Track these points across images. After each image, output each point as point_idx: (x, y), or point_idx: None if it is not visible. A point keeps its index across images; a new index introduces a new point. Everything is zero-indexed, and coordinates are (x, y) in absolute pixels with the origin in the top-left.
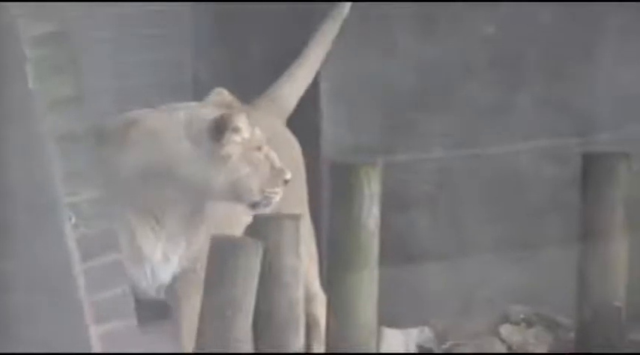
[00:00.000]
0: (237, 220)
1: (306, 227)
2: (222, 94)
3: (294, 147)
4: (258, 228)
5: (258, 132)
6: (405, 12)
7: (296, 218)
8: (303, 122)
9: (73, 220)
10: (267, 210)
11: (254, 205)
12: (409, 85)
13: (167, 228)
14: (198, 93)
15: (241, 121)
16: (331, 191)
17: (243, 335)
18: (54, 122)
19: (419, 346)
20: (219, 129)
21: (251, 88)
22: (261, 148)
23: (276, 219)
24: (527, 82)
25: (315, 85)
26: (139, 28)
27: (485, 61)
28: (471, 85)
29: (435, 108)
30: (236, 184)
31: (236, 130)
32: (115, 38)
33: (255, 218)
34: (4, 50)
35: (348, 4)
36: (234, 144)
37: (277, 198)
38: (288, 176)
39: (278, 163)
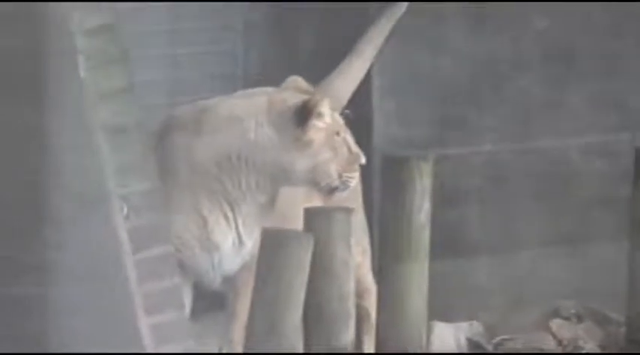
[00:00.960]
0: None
1: (360, 221)
2: (298, 81)
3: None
4: (309, 220)
5: (337, 116)
6: (457, 6)
7: (347, 211)
8: (356, 116)
9: (125, 211)
10: (344, 194)
11: (331, 190)
12: (461, 79)
13: (243, 214)
14: (250, 84)
15: (325, 107)
16: (383, 184)
17: (292, 328)
18: (106, 113)
19: (469, 340)
20: (304, 114)
21: (303, 78)
22: (340, 133)
23: (327, 211)
24: (578, 76)
25: (367, 80)
26: (191, 20)
27: (536, 56)
28: (523, 80)
29: (486, 103)
30: (316, 169)
31: (319, 116)
32: (166, 30)
33: (306, 210)
34: (56, 42)
35: (405, 4)
36: (317, 129)
37: (354, 183)
38: (364, 160)
39: (354, 148)
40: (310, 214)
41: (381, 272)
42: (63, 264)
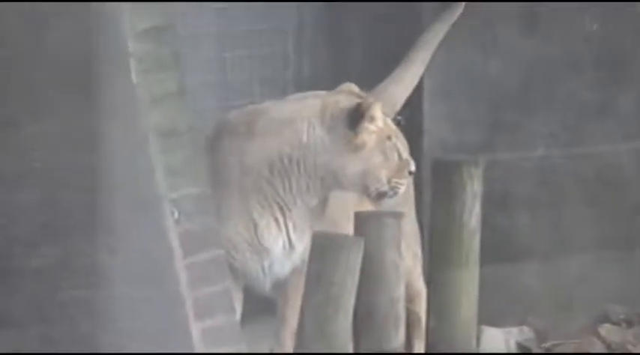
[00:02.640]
0: (349, 215)
1: (412, 226)
2: (351, 87)
3: (405, 144)
4: (360, 224)
5: (389, 121)
6: (508, 9)
7: (397, 215)
8: (407, 120)
9: (176, 215)
10: (393, 200)
11: (380, 195)
12: (512, 84)
13: (294, 218)
14: (301, 88)
15: (377, 111)
16: (433, 189)
17: (342, 332)
18: (157, 117)
19: (519, 344)
20: (356, 117)
21: (354, 81)
22: (391, 138)
23: (378, 216)
24: (630, 80)
25: (418, 83)
26: (243, 23)
27: (588, 60)
28: (574, 84)
29: (537, 107)
30: (366, 173)
31: (372, 119)
32: (218, 33)
33: (357, 215)
34: (108, 45)
35: (460, 8)
36: (368, 133)
37: (402, 190)
38: (413, 167)
39: (405, 154)
40: (361, 218)
41: (431, 276)
42: (115, 268)
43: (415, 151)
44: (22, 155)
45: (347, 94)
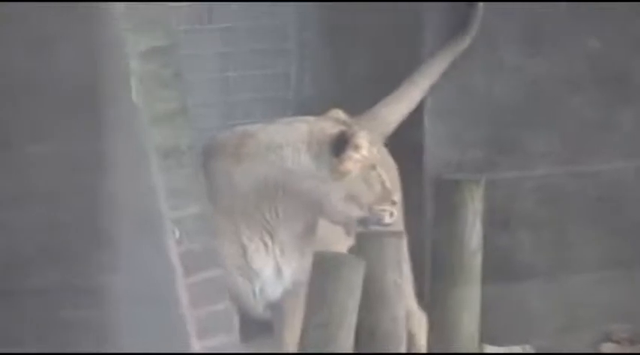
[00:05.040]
0: (343, 238)
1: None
2: (339, 114)
3: (392, 167)
4: (361, 244)
5: (375, 151)
6: (509, 27)
7: (399, 235)
8: (407, 138)
9: (177, 235)
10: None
11: (363, 221)
12: (513, 102)
13: (281, 243)
14: (303, 108)
15: (363, 139)
16: (434, 208)
17: (344, 351)
18: (158, 136)
19: None
20: (341, 144)
21: (355, 103)
22: (375, 167)
23: (379, 236)
24: (631, 99)
25: (419, 103)
26: (244, 43)
27: (589, 78)
28: (575, 102)
29: (538, 125)
30: (349, 201)
31: (357, 148)
32: (220, 53)
33: (358, 235)
34: (110, 64)
35: (468, 39)
36: (353, 161)
37: (388, 218)
38: (396, 198)
39: (388, 184)
40: (362, 238)
41: (432, 295)
42: (116, 288)
43: (416, 170)
44: (23, 175)
45: (334, 121)
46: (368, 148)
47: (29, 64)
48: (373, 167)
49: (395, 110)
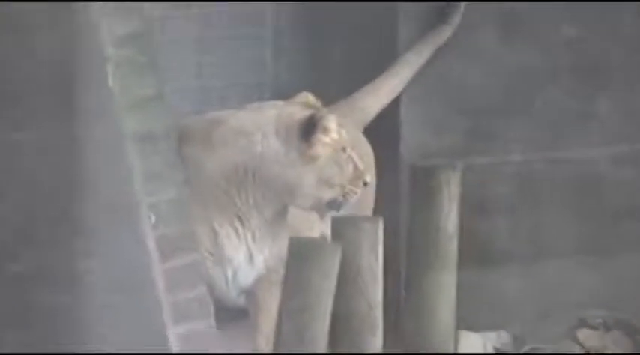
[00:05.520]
0: (317, 224)
1: None
2: (308, 97)
3: (368, 155)
4: (337, 230)
5: (344, 133)
6: (486, 15)
7: (376, 221)
8: (384, 125)
9: (153, 220)
10: (342, 211)
11: (331, 203)
12: (490, 89)
13: (252, 229)
14: (278, 93)
15: (331, 122)
16: (411, 194)
17: (320, 337)
18: (134, 122)
19: (496, 349)
20: (309, 128)
21: (330, 88)
22: (346, 149)
23: (356, 221)
24: (608, 86)
25: None
26: (219, 29)
27: (566, 66)
28: (552, 89)
29: (514, 112)
30: (321, 184)
31: (325, 131)
32: (195, 39)
33: (335, 220)
34: (86, 50)
35: (450, 31)
36: (323, 145)
37: (354, 200)
38: (369, 179)
39: (360, 165)
40: (338, 224)
41: (408, 280)
42: (92, 273)
43: (392, 156)
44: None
45: (303, 105)
46: (337, 131)
47: (6, 51)
48: (344, 149)
49: (374, 100)
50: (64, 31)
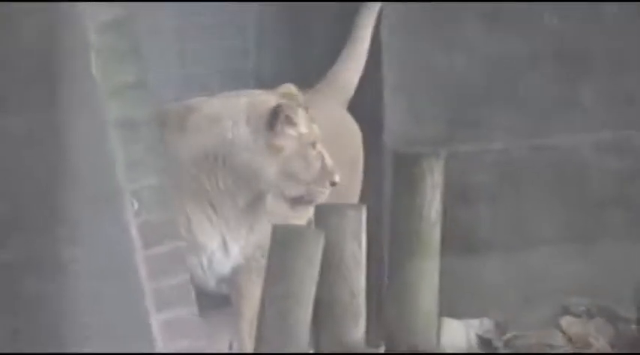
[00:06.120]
0: (305, 214)
1: None
2: (290, 89)
3: (354, 134)
4: (321, 217)
5: (315, 128)
6: (468, 3)
7: (359, 208)
8: (367, 113)
9: (136, 207)
10: (308, 208)
11: (295, 200)
12: (472, 77)
13: (225, 217)
14: (262, 80)
15: (298, 115)
16: (394, 181)
17: (302, 324)
18: (116, 109)
19: (479, 337)
20: (275, 118)
21: (314, 75)
22: (316, 145)
23: (339, 208)
24: (591, 73)
25: (378, 77)
26: (202, 16)
27: (548, 53)
28: (535, 77)
29: (498, 100)
30: (283, 177)
31: (291, 123)
32: (178, 26)
33: (318, 207)
34: (68, 37)
35: None
36: (288, 137)
37: (322, 199)
38: (337, 179)
39: (329, 164)
40: (322, 211)
41: (391, 268)
42: (75, 261)
43: (375, 144)
44: None
45: (280, 95)
46: (306, 125)
47: None
48: (313, 144)
49: (351, 73)
50: (47, 18)
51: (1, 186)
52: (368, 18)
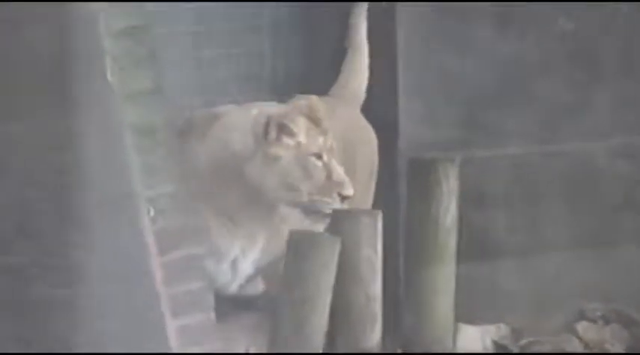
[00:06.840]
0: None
1: None
2: (310, 100)
3: (369, 138)
4: (337, 223)
5: (320, 140)
6: (482, 8)
7: (375, 214)
8: (382, 118)
9: (152, 213)
10: (320, 220)
11: (305, 210)
12: (487, 82)
13: (243, 226)
14: (277, 86)
15: (297, 125)
16: (409, 187)
17: (318, 329)
18: (132, 115)
19: (495, 342)
20: (267, 127)
21: (329, 79)
22: (322, 157)
23: (355, 215)
24: (604, 79)
25: (393, 82)
26: (218, 22)
27: (562, 58)
28: (548, 82)
29: (512, 105)
30: (283, 187)
31: (289, 132)
32: (194, 32)
33: (334, 213)
34: (85, 44)
35: None
36: (285, 147)
37: (328, 210)
38: (349, 192)
39: (338, 176)
40: (338, 217)
41: (407, 274)
42: (90, 266)
43: (390, 150)
44: None
45: (295, 106)
46: (307, 134)
47: (4, 44)
48: (318, 155)
49: (360, 77)
50: (63, 24)
51: (15, 191)
52: (361, 16)
